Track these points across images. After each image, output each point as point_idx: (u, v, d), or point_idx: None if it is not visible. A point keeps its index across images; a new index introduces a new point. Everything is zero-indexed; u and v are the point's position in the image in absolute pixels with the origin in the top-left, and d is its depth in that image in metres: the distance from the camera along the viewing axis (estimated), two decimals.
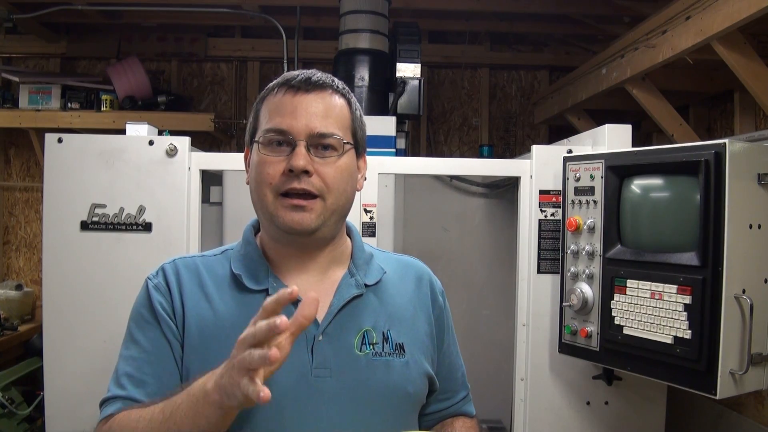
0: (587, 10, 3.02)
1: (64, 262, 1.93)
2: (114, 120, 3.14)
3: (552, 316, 1.98)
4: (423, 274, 1.16)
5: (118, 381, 0.99)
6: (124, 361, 1.01)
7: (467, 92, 3.74)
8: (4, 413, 2.58)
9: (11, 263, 3.61)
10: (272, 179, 0.97)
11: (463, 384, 1.22)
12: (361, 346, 1.00)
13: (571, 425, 1.98)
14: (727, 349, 1.48)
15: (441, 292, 1.18)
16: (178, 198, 1.96)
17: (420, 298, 1.12)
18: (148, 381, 0.97)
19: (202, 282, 1.03)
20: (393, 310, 1.06)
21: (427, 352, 1.09)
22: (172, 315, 1.00)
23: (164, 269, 1.05)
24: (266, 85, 1.07)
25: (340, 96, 1.03)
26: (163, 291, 1.02)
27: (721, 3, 1.77)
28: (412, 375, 1.04)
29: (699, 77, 2.45)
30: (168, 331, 0.99)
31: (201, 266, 1.05)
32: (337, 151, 0.99)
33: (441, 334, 1.15)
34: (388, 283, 1.09)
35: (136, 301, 1.05)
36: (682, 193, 1.62)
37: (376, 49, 2.58)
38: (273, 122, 0.98)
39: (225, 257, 1.07)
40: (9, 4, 2.98)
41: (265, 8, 3.11)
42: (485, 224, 2.82)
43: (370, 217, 2.02)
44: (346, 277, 1.05)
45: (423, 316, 1.11)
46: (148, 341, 1.00)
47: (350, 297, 1.02)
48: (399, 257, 1.18)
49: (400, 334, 1.04)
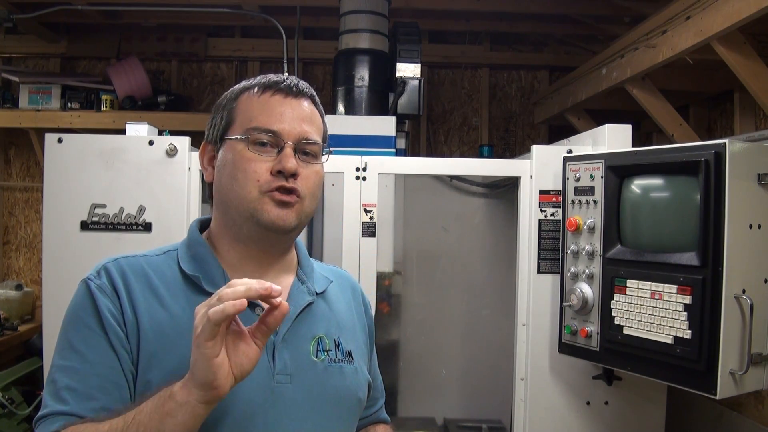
0: (587, 10, 3.02)
1: (64, 262, 1.93)
2: (114, 120, 3.14)
3: (552, 316, 1.98)
4: (355, 285, 1.21)
5: (58, 394, 0.88)
6: (62, 373, 0.89)
7: (467, 92, 3.74)
8: (4, 413, 2.58)
9: (11, 263, 3.61)
10: (259, 177, 0.96)
11: (382, 392, 1.26)
12: (316, 352, 1.01)
13: (571, 425, 1.98)
14: (727, 349, 1.48)
15: (368, 303, 1.22)
16: (178, 198, 1.96)
17: (356, 308, 1.16)
18: (95, 395, 0.87)
19: (150, 283, 0.96)
20: (339, 318, 1.08)
21: (365, 360, 1.13)
22: (121, 320, 0.92)
23: (107, 269, 0.96)
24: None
25: (316, 107, 1.05)
26: (109, 293, 0.93)
27: (721, 3, 1.77)
28: (360, 381, 1.06)
29: (699, 77, 2.45)
30: (116, 339, 0.90)
31: (146, 266, 0.98)
32: (316, 158, 1.02)
33: (371, 343, 1.19)
34: (332, 292, 1.10)
35: (74, 303, 0.95)
36: (682, 193, 1.61)
37: (376, 49, 2.58)
38: (259, 121, 0.98)
39: (170, 257, 1.01)
40: (9, 4, 2.98)
41: (265, 8, 3.11)
42: (485, 224, 2.82)
43: (370, 217, 2.02)
44: (296, 284, 1.05)
45: (360, 325, 1.14)
46: (91, 351, 0.90)
47: (305, 304, 1.02)
48: (332, 268, 1.20)
49: (347, 341, 1.06)
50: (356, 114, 2.50)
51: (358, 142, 2.31)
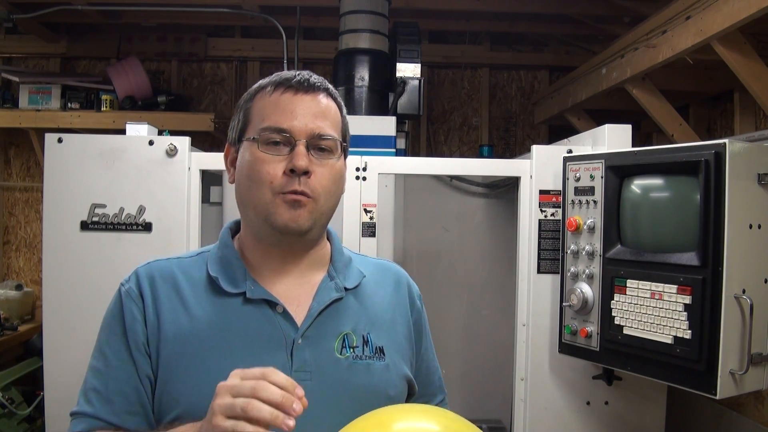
0: (587, 10, 3.02)
1: (64, 262, 1.93)
2: (114, 120, 3.14)
3: (552, 316, 1.98)
4: (401, 278, 1.17)
5: (86, 394, 0.97)
6: (92, 373, 0.98)
7: (467, 92, 3.74)
8: (4, 413, 2.58)
9: (11, 263, 3.61)
10: (273, 179, 0.96)
11: (440, 388, 1.22)
12: (341, 349, 1.00)
13: (571, 425, 1.98)
14: (727, 349, 1.48)
15: (418, 296, 1.18)
16: (178, 198, 1.96)
17: (398, 301, 1.13)
18: (114, 400, 0.95)
19: (177, 286, 1.00)
20: (372, 313, 1.06)
21: (405, 356, 1.09)
22: (143, 324, 0.97)
23: (138, 273, 1.02)
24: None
25: (332, 99, 1.04)
26: (135, 298, 0.98)
27: (721, 3, 1.77)
28: (392, 378, 1.04)
29: (699, 77, 2.45)
30: (135, 345, 0.96)
31: (176, 270, 1.02)
32: (333, 154, 1.00)
33: (419, 338, 1.15)
34: (367, 287, 1.09)
35: (109, 306, 1.02)
36: (682, 193, 1.61)
37: (376, 49, 2.58)
38: (271, 121, 0.97)
39: (201, 259, 1.05)
40: (9, 4, 2.97)
41: (265, 8, 3.11)
42: (485, 224, 2.82)
43: (370, 217, 2.02)
44: (325, 280, 1.04)
45: (401, 319, 1.11)
46: (113, 355, 0.97)
47: (330, 300, 1.02)
48: (377, 261, 1.19)
49: (379, 337, 1.04)
50: (356, 114, 2.50)
51: (358, 142, 2.28)
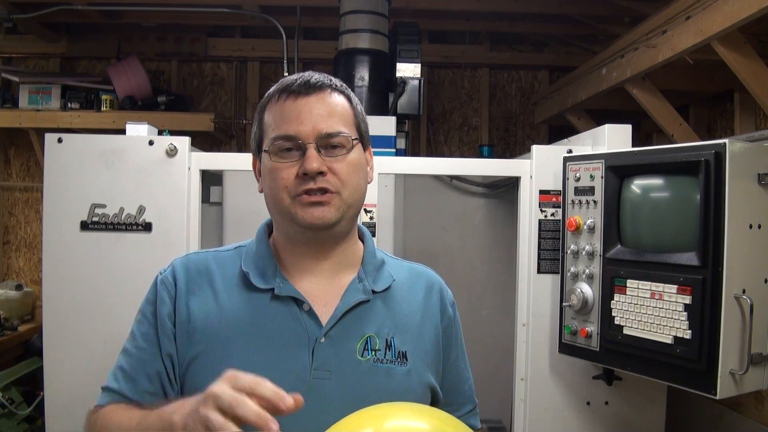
0: (587, 10, 3.02)
1: (64, 262, 1.93)
2: (114, 120, 3.14)
3: (552, 316, 1.98)
4: (434, 284, 1.15)
5: (115, 372, 1.02)
6: (123, 353, 1.03)
7: (467, 92, 3.74)
8: (4, 413, 2.58)
9: (11, 263, 3.61)
10: (287, 183, 0.98)
11: (470, 398, 1.20)
12: (363, 351, 1.00)
13: (571, 425, 1.98)
14: (727, 349, 1.48)
15: (452, 303, 1.16)
16: (178, 198, 1.96)
17: (429, 307, 1.11)
18: (138, 380, 0.99)
19: (211, 279, 1.04)
20: (399, 317, 1.06)
21: (431, 363, 1.08)
22: (172, 311, 1.01)
23: (174, 264, 1.06)
24: (266, 85, 1.08)
25: (339, 93, 1.04)
26: (169, 285, 1.03)
27: (721, 3, 1.77)
28: (412, 384, 1.03)
29: (699, 77, 2.45)
30: (162, 331, 1.00)
31: (212, 262, 1.06)
32: (345, 148, 1.00)
33: (448, 346, 1.13)
34: (397, 291, 1.08)
35: (145, 294, 1.07)
36: (682, 193, 1.61)
37: (376, 49, 2.58)
38: (280, 130, 0.99)
39: (238, 253, 1.08)
40: (9, 4, 2.97)
41: (265, 8, 3.11)
42: (485, 224, 2.82)
43: (370, 217, 2.02)
44: (354, 281, 1.05)
45: (430, 325, 1.10)
46: (142, 337, 1.02)
47: (356, 302, 1.02)
48: (411, 265, 1.18)
49: (404, 342, 1.04)
50: None
51: None
